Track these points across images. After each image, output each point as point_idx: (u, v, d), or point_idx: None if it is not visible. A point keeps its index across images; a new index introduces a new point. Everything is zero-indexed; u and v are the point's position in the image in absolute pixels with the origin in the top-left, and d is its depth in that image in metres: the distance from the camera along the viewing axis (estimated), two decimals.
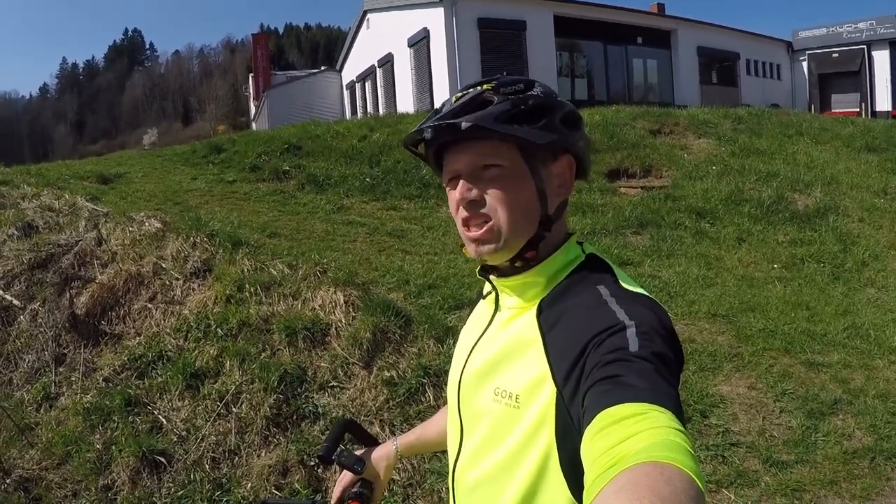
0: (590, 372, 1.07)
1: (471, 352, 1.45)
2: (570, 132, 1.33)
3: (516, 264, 1.34)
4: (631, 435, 0.87)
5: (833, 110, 27.77)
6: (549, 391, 1.18)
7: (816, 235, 9.48)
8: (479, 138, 1.26)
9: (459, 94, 1.30)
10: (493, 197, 1.27)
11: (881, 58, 29.77)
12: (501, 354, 1.33)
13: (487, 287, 1.48)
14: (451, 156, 1.32)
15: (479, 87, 1.30)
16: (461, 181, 1.29)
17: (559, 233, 1.37)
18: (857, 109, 28.29)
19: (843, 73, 30.65)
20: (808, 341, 6.19)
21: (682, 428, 0.90)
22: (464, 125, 1.23)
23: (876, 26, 30.05)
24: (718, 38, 28.87)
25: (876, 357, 5.99)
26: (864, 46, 30.11)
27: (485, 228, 1.29)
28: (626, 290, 1.25)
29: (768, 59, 31.77)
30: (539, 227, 1.32)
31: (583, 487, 0.90)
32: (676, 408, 0.96)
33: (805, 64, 32.22)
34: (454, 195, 1.32)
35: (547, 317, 1.27)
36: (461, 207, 1.30)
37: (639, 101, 20.61)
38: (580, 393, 1.07)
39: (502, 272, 1.37)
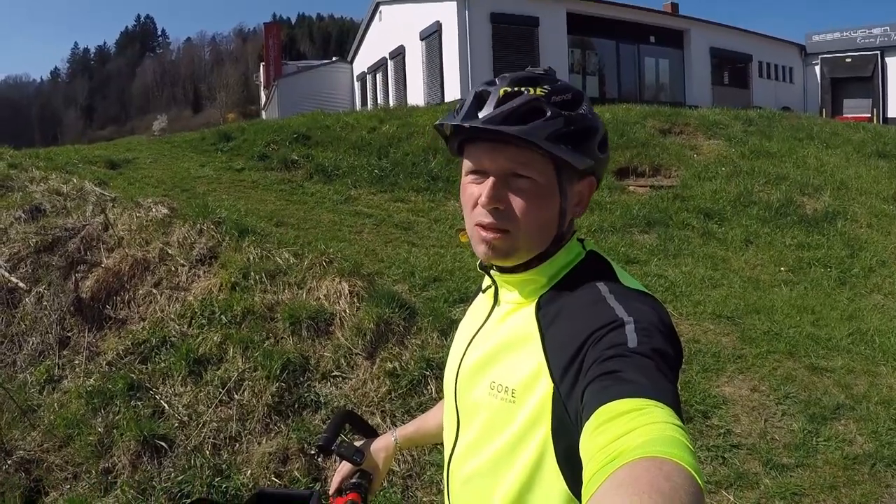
0: (588, 368, 1.07)
1: (468, 345, 1.45)
2: (602, 156, 1.32)
3: (518, 268, 1.35)
4: (630, 430, 0.87)
5: (844, 115, 27.68)
6: (545, 386, 1.19)
7: (824, 240, 9.46)
8: (518, 145, 1.23)
9: (508, 90, 1.25)
10: (519, 210, 1.25)
11: (894, 64, 29.66)
12: (498, 348, 1.33)
13: (487, 281, 1.48)
14: (482, 151, 1.28)
15: (530, 91, 1.25)
16: (490, 183, 1.26)
17: (566, 234, 1.37)
18: (869, 115, 28.21)
19: (856, 78, 30.56)
20: (812, 345, 6.17)
21: (681, 423, 0.90)
22: (520, 136, 1.19)
23: (890, 32, 29.96)
24: (731, 40, 28.80)
25: (880, 363, 5.97)
26: (878, 52, 30.03)
27: (500, 235, 1.27)
28: (626, 287, 1.25)
29: (781, 61, 31.69)
30: (550, 245, 1.32)
31: (580, 482, 0.89)
32: (675, 404, 0.96)
33: (818, 68, 32.12)
34: (473, 189, 1.30)
35: (546, 313, 1.27)
36: (482, 209, 1.28)
37: (650, 101, 20.59)
38: (578, 388, 1.07)
39: (503, 269, 1.37)
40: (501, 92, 1.25)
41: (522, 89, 1.25)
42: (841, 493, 4.23)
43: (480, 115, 1.24)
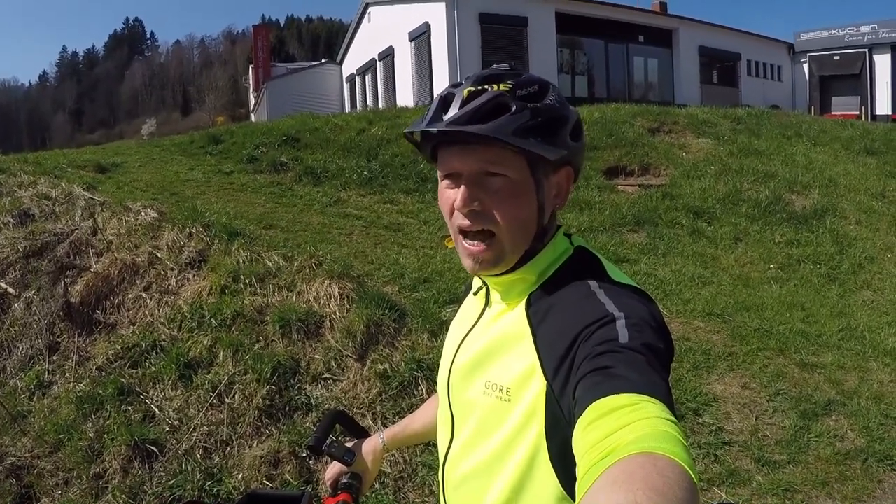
0: (580, 364, 1.06)
1: (460, 345, 1.45)
2: (575, 144, 1.31)
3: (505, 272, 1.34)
4: (623, 426, 0.87)
5: (833, 113, 27.79)
6: (538, 384, 1.18)
7: (813, 237, 9.48)
8: (487, 143, 1.22)
9: (472, 90, 1.24)
10: (496, 209, 1.25)
11: (882, 61, 29.83)
12: (491, 348, 1.33)
13: (477, 282, 1.48)
14: (453, 154, 1.28)
15: (494, 87, 1.24)
16: (463, 187, 1.25)
17: (548, 229, 1.36)
18: (857, 112, 28.33)
19: (844, 75, 30.71)
20: (802, 342, 6.19)
21: (673, 418, 0.90)
22: (485, 134, 1.18)
23: (878, 30, 30.10)
24: (720, 39, 28.86)
25: (870, 359, 5.99)
26: (866, 50, 30.18)
27: (486, 246, 1.27)
28: (616, 282, 1.25)
29: (769, 60, 31.79)
30: (534, 241, 1.31)
31: (573, 479, 0.89)
32: (668, 398, 0.96)
33: (806, 66, 32.26)
34: (449, 194, 1.30)
35: (536, 310, 1.26)
36: (460, 213, 1.27)
37: (639, 100, 20.62)
38: (570, 385, 1.07)
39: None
40: (465, 92, 1.24)
41: (486, 87, 1.24)
42: (833, 488, 4.25)
43: (445, 117, 1.23)
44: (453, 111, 1.23)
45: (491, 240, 1.27)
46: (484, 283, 1.42)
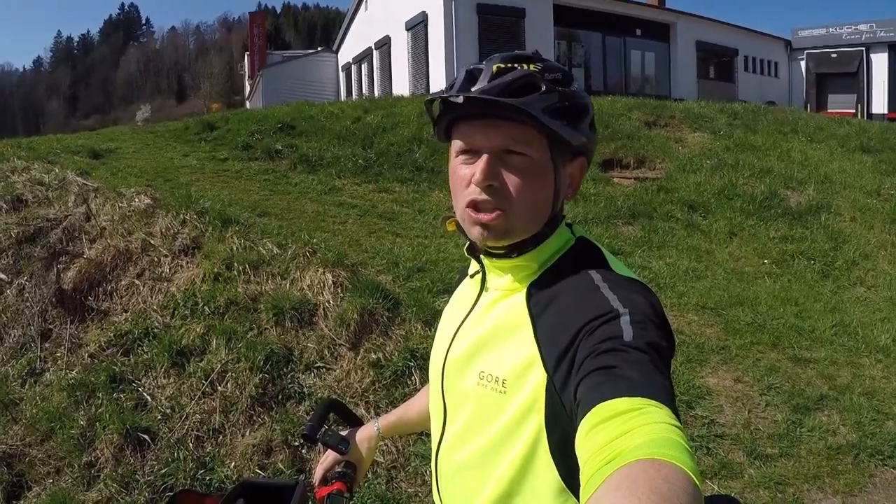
0: (583, 360, 1.05)
1: (455, 334, 1.42)
2: (592, 135, 1.31)
3: (511, 252, 1.32)
4: (628, 430, 0.86)
5: (829, 110, 27.85)
6: (538, 376, 1.17)
7: (808, 233, 9.50)
8: (513, 120, 1.21)
9: (501, 66, 1.23)
10: (514, 187, 1.23)
11: (879, 60, 29.91)
12: (487, 337, 1.31)
13: (473, 267, 1.45)
14: (475, 129, 1.25)
15: (523, 66, 1.23)
16: (484, 161, 1.23)
17: (557, 217, 1.35)
18: (853, 110, 28.36)
19: (841, 73, 30.78)
20: (795, 337, 6.20)
21: (678, 424, 0.89)
22: (519, 106, 1.18)
23: (876, 29, 30.17)
24: (717, 34, 28.91)
25: (863, 355, 6.01)
26: (863, 48, 30.25)
27: (497, 214, 1.24)
28: (618, 275, 1.23)
29: (766, 56, 31.86)
30: (544, 226, 1.30)
31: (573, 472, 0.89)
32: (671, 401, 0.95)
33: (803, 63, 32.30)
34: (464, 170, 1.27)
35: (537, 300, 1.25)
36: (476, 188, 1.24)
37: (635, 93, 20.58)
38: (573, 381, 1.05)
39: (492, 253, 1.34)
40: (495, 68, 1.23)
41: (515, 65, 1.23)
42: (825, 482, 4.26)
43: (474, 89, 1.22)
44: (482, 83, 1.22)
45: (503, 213, 1.24)
46: (482, 266, 1.40)
